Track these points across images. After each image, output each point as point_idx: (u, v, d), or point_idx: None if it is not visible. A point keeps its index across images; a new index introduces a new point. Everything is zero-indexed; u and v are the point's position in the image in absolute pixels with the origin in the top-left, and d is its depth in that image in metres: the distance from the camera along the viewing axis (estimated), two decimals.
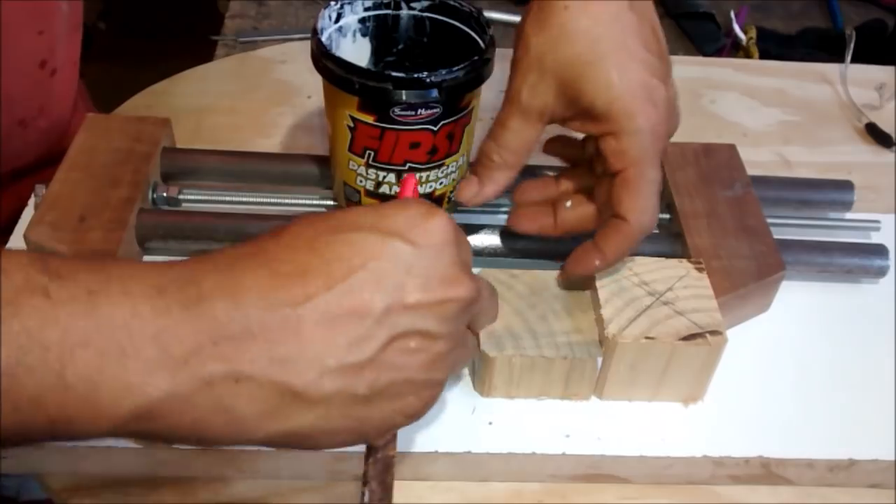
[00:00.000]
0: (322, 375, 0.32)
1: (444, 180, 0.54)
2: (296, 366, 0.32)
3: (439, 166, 0.53)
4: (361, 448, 0.46)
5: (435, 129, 0.50)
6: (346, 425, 0.34)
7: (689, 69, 0.81)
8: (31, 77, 0.58)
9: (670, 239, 0.57)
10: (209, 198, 0.58)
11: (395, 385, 0.34)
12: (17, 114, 0.59)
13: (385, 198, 0.54)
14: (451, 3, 0.53)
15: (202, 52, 0.86)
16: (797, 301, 0.57)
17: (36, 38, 0.57)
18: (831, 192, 0.62)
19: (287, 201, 0.58)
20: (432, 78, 0.48)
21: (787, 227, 0.60)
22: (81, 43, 0.65)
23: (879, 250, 0.58)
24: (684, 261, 0.52)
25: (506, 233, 0.56)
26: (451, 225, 0.36)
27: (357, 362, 0.33)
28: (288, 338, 0.32)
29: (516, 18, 0.96)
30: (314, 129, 0.70)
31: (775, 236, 0.56)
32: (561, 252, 0.56)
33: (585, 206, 0.50)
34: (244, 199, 0.58)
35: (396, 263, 0.34)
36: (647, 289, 0.49)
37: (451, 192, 0.55)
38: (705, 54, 0.93)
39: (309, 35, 0.51)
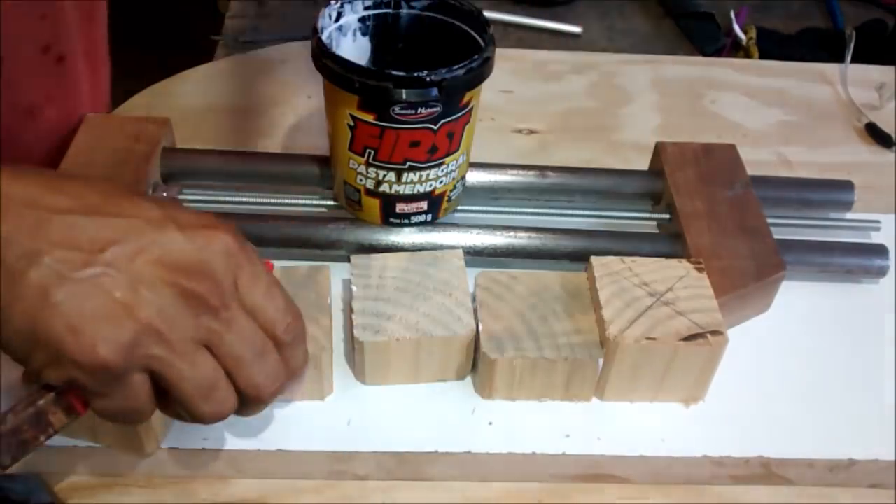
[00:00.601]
0: (32, 264, 0.35)
1: (443, 179, 0.54)
2: (18, 248, 0.35)
3: (439, 165, 0.53)
4: (362, 448, 0.46)
5: (435, 127, 0.50)
6: (22, 324, 0.35)
7: (689, 69, 0.81)
8: (32, 61, 0.58)
9: (670, 239, 0.57)
10: (209, 198, 0.58)
11: (80, 308, 0.35)
12: (22, 100, 0.58)
13: (385, 196, 0.54)
14: (451, 2, 0.53)
15: (202, 52, 0.86)
16: (797, 301, 0.57)
17: (38, 21, 0.57)
18: (831, 192, 0.62)
19: (287, 201, 0.58)
20: (432, 77, 0.48)
21: (787, 227, 0.60)
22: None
23: (879, 250, 0.58)
24: (684, 261, 0.52)
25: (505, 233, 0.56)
26: (234, 245, 0.38)
27: (62, 274, 0.35)
28: (29, 228, 0.35)
29: (516, 18, 0.96)
30: (314, 129, 0.69)
31: (775, 236, 0.56)
32: (563, 253, 0.56)
33: None
34: (244, 199, 0.58)
35: (157, 234, 0.37)
36: (647, 289, 0.49)
37: (451, 190, 0.55)
38: (705, 54, 0.93)
39: (309, 35, 0.51)
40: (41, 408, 0.37)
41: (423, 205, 0.55)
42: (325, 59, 0.49)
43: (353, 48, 0.55)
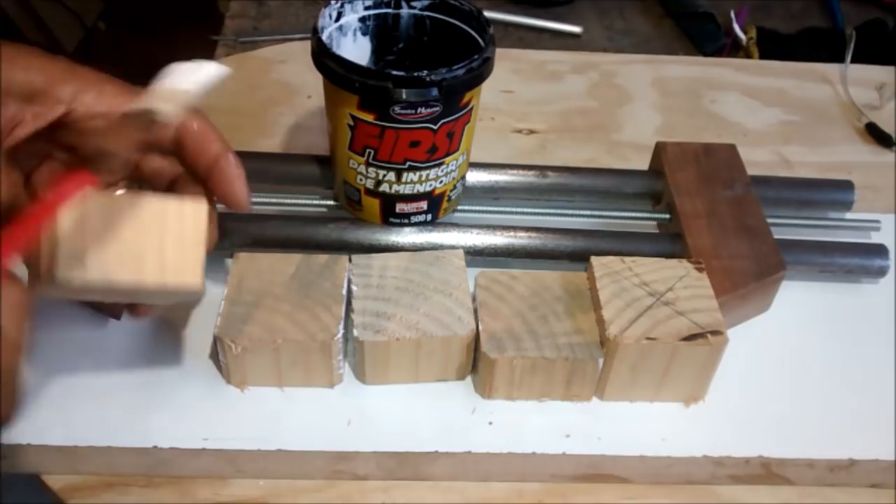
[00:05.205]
0: None
1: (444, 179, 0.54)
2: None
3: (439, 165, 0.53)
4: (362, 448, 0.46)
5: (435, 127, 0.50)
6: None
7: (689, 69, 0.81)
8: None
9: (670, 239, 0.57)
10: None
11: None
12: None
13: (385, 196, 0.54)
14: (452, 2, 0.53)
15: (202, 52, 0.86)
16: (797, 301, 0.57)
17: None
18: (831, 192, 0.62)
19: (287, 201, 0.58)
20: (432, 77, 0.48)
21: (787, 227, 0.60)
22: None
23: (879, 250, 0.58)
24: (684, 261, 0.52)
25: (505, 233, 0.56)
26: None
27: None
28: None
29: (516, 18, 0.96)
30: (314, 129, 0.70)
31: (775, 236, 0.56)
32: (563, 253, 0.56)
33: None
34: None
35: None
36: (647, 289, 0.49)
37: (451, 190, 0.55)
38: (705, 54, 0.93)
39: (309, 35, 0.51)
40: None
41: (423, 205, 0.55)
42: (326, 59, 0.49)
43: (354, 48, 0.55)
